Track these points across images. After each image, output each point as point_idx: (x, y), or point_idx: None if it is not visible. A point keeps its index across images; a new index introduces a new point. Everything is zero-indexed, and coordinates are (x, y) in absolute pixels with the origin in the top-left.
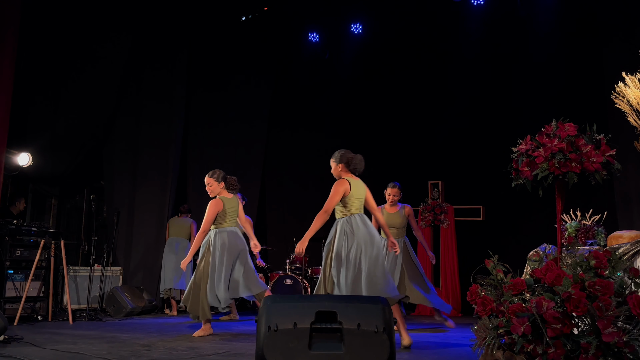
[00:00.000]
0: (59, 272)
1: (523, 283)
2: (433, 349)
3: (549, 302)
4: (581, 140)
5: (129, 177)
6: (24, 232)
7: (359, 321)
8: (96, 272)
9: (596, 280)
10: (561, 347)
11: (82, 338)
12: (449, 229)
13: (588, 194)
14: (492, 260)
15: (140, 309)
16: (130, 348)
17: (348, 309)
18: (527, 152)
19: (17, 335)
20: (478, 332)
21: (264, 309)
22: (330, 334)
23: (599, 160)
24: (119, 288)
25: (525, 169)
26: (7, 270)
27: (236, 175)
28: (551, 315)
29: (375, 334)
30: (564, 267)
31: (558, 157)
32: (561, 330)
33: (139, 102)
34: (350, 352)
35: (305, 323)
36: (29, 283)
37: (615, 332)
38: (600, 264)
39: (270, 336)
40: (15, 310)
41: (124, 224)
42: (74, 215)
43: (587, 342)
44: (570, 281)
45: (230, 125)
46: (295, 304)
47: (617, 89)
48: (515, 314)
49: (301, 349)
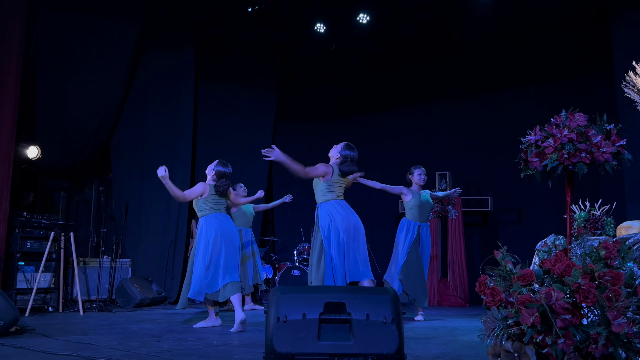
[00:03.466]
0: (69, 264)
1: (532, 274)
2: (441, 338)
3: (558, 292)
4: (591, 131)
5: (137, 169)
6: (34, 224)
7: (368, 312)
8: (106, 263)
9: (606, 271)
10: (570, 338)
11: (92, 329)
12: (457, 219)
13: (597, 184)
14: (501, 251)
15: (149, 300)
16: (140, 339)
17: (357, 299)
18: (536, 142)
19: (29, 326)
20: (487, 323)
21: (272, 300)
22: (339, 325)
23: (609, 151)
24: (128, 279)
25: (535, 160)
26: (18, 262)
27: (244, 166)
28: (560, 306)
29: (384, 325)
30: (574, 258)
31: (568, 147)
32: (570, 321)
33: (146, 93)
34: (359, 343)
35: (314, 314)
36: (39, 275)
37: (625, 322)
38: (610, 255)
39: (279, 327)
40: (26, 302)
41: (133, 216)
42: (83, 208)
43: (597, 332)
44: (580, 272)
45: (237, 116)
46: (304, 294)
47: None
48: (525, 305)
49: (310, 339)
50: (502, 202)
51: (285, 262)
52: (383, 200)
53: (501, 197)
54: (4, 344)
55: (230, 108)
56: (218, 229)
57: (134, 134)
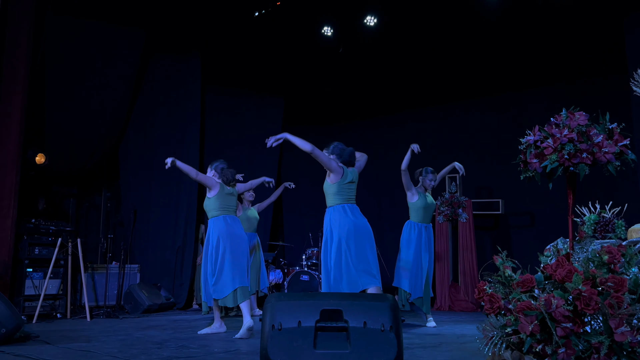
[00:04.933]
0: (77, 270)
1: (532, 280)
2: (447, 345)
3: (558, 299)
4: (592, 130)
5: (145, 175)
6: (42, 230)
7: (365, 319)
8: (114, 269)
9: (608, 277)
10: (571, 347)
11: (96, 335)
12: (467, 223)
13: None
14: (500, 256)
15: (157, 306)
16: (142, 346)
17: (354, 307)
18: (535, 142)
19: (33, 333)
20: (485, 331)
21: (267, 307)
22: (335, 333)
23: (611, 151)
24: (137, 285)
25: (534, 161)
26: (27, 269)
27: (252, 171)
28: (561, 314)
29: (382, 333)
30: (576, 263)
31: (568, 148)
32: (571, 330)
33: (154, 99)
34: (356, 351)
35: (310, 322)
36: (47, 281)
37: (628, 331)
38: (613, 260)
39: (274, 335)
40: (34, 308)
41: (141, 222)
42: (93, 214)
43: (599, 341)
44: (581, 278)
45: (245, 121)
46: (300, 302)
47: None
48: (524, 313)
49: (306, 348)
50: (514, 205)
51: (294, 266)
52: (392, 204)
53: (513, 200)
54: (5, 352)
55: (238, 113)
56: (224, 232)
57: (142, 140)
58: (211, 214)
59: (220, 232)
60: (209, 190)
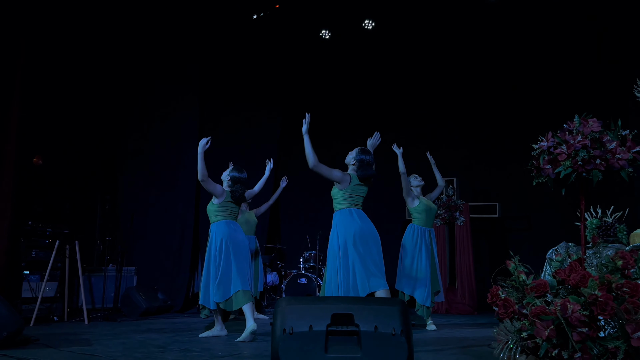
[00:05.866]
0: (75, 273)
1: (546, 284)
2: (451, 349)
3: (574, 304)
4: (605, 137)
5: (142, 178)
6: (39, 233)
7: (376, 323)
8: (111, 272)
9: (624, 282)
10: (588, 352)
11: (97, 339)
12: (464, 226)
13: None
14: (513, 261)
15: (155, 309)
16: (145, 349)
17: (365, 311)
18: (548, 149)
19: (33, 337)
20: (499, 336)
21: (278, 311)
22: (346, 337)
23: (625, 157)
24: (134, 288)
25: (547, 167)
26: (23, 271)
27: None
28: (577, 319)
29: (393, 337)
30: (589, 269)
31: (581, 154)
32: (587, 334)
33: (151, 105)
34: (367, 355)
35: (321, 326)
36: (44, 284)
37: None
38: (627, 265)
39: (285, 339)
40: (31, 311)
41: (139, 225)
42: (90, 217)
43: (616, 346)
44: (597, 283)
45: (242, 125)
46: (311, 306)
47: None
48: (539, 317)
49: (317, 352)
50: (511, 209)
51: (291, 269)
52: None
53: (509, 204)
54: (8, 355)
55: (235, 117)
56: (225, 236)
57: (139, 144)
58: (214, 219)
59: (224, 236)
60: (215, 197)
